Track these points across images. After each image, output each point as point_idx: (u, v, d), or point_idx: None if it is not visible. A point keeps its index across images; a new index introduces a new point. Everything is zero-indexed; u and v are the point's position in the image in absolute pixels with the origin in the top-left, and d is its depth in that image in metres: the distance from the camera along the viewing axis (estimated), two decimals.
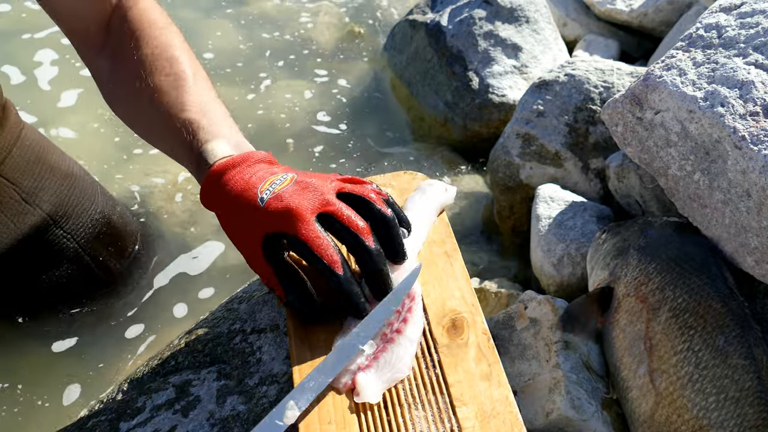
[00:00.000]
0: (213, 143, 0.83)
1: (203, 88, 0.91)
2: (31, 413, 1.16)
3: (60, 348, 1.25)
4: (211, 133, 0.84)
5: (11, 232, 1.15)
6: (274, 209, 0.76)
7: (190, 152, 0.85)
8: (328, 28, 2.16)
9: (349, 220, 0.77)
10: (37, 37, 2.05)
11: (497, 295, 1.17)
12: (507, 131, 1.38)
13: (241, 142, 0.86)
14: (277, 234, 0.76)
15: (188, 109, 0.87)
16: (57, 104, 1.83)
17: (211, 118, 0.86)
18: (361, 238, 0.76)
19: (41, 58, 1.97)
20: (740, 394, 0.79)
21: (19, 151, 1.15)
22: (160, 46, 0.92)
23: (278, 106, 1.84)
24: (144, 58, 0.92)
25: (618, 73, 1.33)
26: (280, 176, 0.79)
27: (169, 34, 0.95)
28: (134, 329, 1.29)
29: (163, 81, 0.90)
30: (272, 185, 0.77)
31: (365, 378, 0.74)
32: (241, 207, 0.78)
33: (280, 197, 0.76)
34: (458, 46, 1.68)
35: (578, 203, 1.21)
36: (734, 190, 0.87)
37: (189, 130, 0.85)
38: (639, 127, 0.99)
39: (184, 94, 0.88)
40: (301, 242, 0.75)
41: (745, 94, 0.88)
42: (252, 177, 0.79)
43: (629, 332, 0.90)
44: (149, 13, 0.96)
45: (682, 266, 0.90)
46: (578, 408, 0.85)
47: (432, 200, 0.93)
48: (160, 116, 0.88)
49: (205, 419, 0.81)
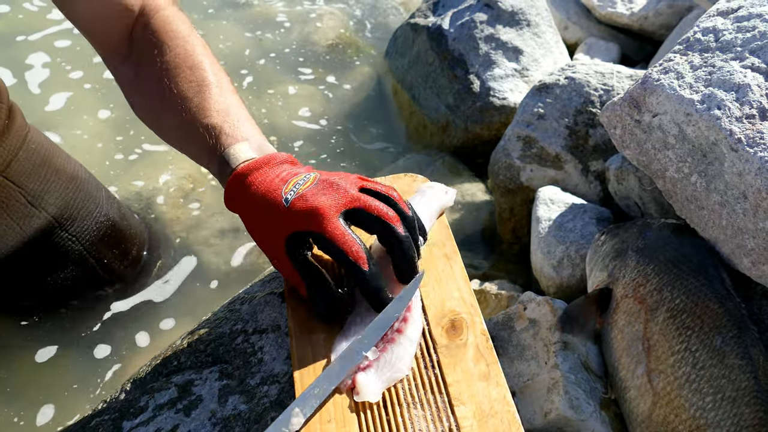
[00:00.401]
0: (235, 146, 0.85)
1: (226, 93, 0.92)
2: (37, 415, 1.17)
3: (64, 348, 1.26)
4: (234, 136, 0.86)
5: (17, 234, 1.16)
6: (300, 209, 0.77)
7: (213, 156, 0.86)
8: (331, 32, 2.17)
9: (378, 210, 0.78)
10: (32, 39, 2.07)
11: (497, 296, 1.17)
12: (508, 134, 1.39)
13: (264, 144, 0.87)
14: (302, 233, 0.78)
15: (211, 114, 0.88)
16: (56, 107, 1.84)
17: (234, 122, 0.88)
18: (392, 226, 0.78)
19: (36, 61, 1.99)
20: (737, 393, 0.80)
21: (25, 155, 1.16)
22: (182, 54, 0.94)
23: (280, 111, 1.85)
24: (167, 65, 0.93)
25: (618, 76, 1.34)
26: (303, 176, 0.80)
27: (192, 41, 0.96)
28: (138, 330, 1.30)
29: (185, 88, 0.91)
30: (296, 185, 0.79)
31: (365, 378, 0.75)
32: (266, 208, 0.79)
33: (305, 197, 0.78)
34: (459, 49, 1.69)
35: (578, 205, 1.22)
36: (731, 192, 0.88)
37: (212, 134, 0.86)
38: (637, 130, 1.00)
39: (207, 100, 0.89)
40: (327, 240, 0.76)
41: (742, 97, 0.89)
42: (275, 178, 0.80)
43: (627, 333, 0.90)
44: (172, 22, 0.97)
45: (680, 267, 0.91)
46: (577, 408, 0.86)
47: (432, 202, 0.94)
48: (183, 122, 0.90)
49: (207, 418, 0.82)
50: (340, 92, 1.93)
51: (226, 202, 0.84)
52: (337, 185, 0.79)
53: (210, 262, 1.44)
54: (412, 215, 0.82)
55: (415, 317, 0.80)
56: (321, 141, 1.77)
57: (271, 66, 2.03)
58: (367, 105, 1.88)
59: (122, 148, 1.72)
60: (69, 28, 2.09)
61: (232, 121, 0.88)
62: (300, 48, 2.11)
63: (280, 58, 2.07)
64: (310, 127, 1.81)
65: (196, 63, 0.93)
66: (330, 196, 0.78)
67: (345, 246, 0.76)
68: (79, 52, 2.01)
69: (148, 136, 1.74)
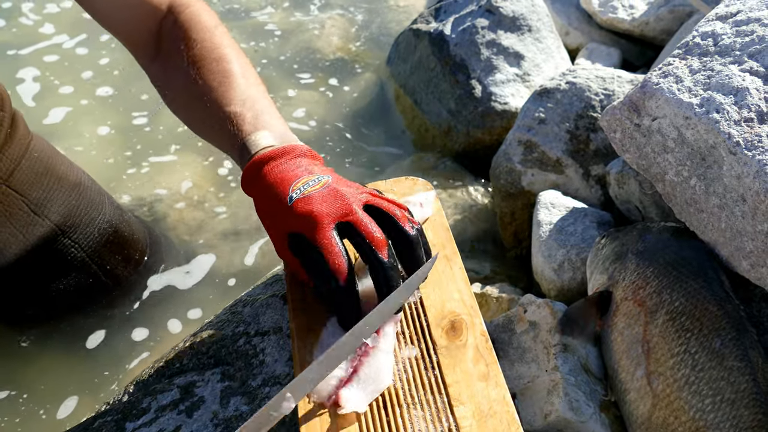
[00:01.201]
0: (256, 134, 0.85)
1: (251, 83, 0.93)
2: (40, 417, 1.18)
3: (68, 354, 1.27)
4: (254, 125, 0.87)
5: (20, 242, 1.16)
6: (298, 211, 0.78)
7: (235, 143, 0.87)
8: (333, 38, 2.18)
9: (367, 230, 0.78)
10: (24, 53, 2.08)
11: (498, 299, 1.18)
12: (509, 138, 1.39)
13: (286, 133, 0.88)
14: (298, 234, 0.78)
15: (234, 103, 0.89)
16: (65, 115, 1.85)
17: (257, 110, 0.88)
18: (375, 251, 0.78)
19: (28, 75, 2.00)
20: (736, 396, 0.80)
21: (28, 163, 1.17)
22: (208, 47, 0.95)
23: (283, 116, 1.86)
24: (194, 58, 0.94)
25: (618, 81, 1.34)
26: (315, 177, 0.81)
27: (218, 34, 0.98)
28: (141, 334, 1.31)
29: (211, 78, 0.92)
30: (305, 185, 0.79)
31: (349, 393, 0.76)
32: (271, 201, 0.80)
33: (307, 200, 0.78)
34: (461, 54, 1.69)
35: (579, 209, 1.22)
36: (729, 195, 0.89)
37: (234, 122, 0.87)
38: (637, 134, 1.01)
39: (231, 90, 0.90)
40: (314, 246, 0.77)
41: (740, 101, 0.90)
42: (289, 173, 0.81)
43: (627, 335, 0.91)
44: (199, 16, 0.99)
45: (679, 270, 0.91)
46: (576, 410, 0.86)
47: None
48: (209, 112, 0.91)
49: (209, 420, 0.83)
50: (342, 97, 1.94)
51: (243, 186, 0.85)
52: (342, 195, 0.79)
53: (212, 265, 1.44)
54: (416, 235, 0.81)
55: (386, 330, 0.80)
56: (323, 145, 1.78)
57: (273, 72, 2.04)
58: (370, 110, 1.89)
59: (124, 155, 1.73)
60: (60, 42, 2.11)
61: (255, 110, 0.88)
62: (302, 54, 2.12)
63: (283, 65, 2.08)
64: (313, 131, 1.82)
65: (222, 55, 0.94)
66: (329, 205, 0.78)
67: (329, 256, 0.76)
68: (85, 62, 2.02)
69: (150, 144, 1.76)
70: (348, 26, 2.24)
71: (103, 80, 1.96)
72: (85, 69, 2.00)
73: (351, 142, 1.79)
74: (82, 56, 2.05)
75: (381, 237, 0.78)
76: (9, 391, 1.20)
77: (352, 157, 1.74)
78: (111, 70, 1.99)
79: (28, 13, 2.22)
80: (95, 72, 1.99)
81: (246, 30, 2.22)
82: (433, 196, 0.99)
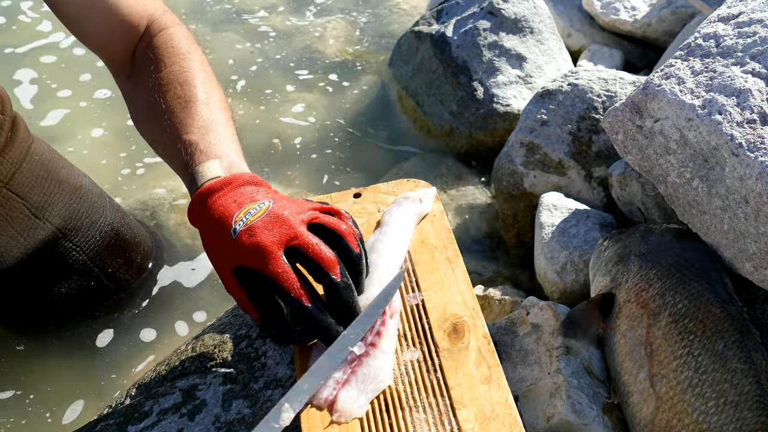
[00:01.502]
0: (205, 164, 0.84)
1: (214, 109, 0.92)
2: (43, 421, 1.18)
3: (72, 357, 1.27)
4: (207, 153, 0.86)
5: (21, 246, 1.16)
6: (243, 244, 0.76)
7: (186, 172, 0.87)
8: (335, 40, 2.18)
9: (315, 252, 0.77)
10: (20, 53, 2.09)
11: (501, 302, 1.18)
12: (511, 140, 1.39)
13: (234, 163, 0.86)
14: (248, 268, 0.77)
15: (191, 130, 0.88)
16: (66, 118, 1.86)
17: (211, 139, 0.87)
18: (327, 272, 0.77)
19: (25, 76, 2.01)
20: (739, 398, 0.80)
21: (29, 166, 1.17)
22: (176, 71, 0.95)
23: (286, 119, 1.86)
24: (160, 82, 0.94)
25: (621, 83, 1.34)
26: (257, 204, 0.79)
27: (189, 58, 0.97)
28: (143, 337, 1.30)
29: (174, 103, 0.92)
30: (246, 215, 0.78)
31: (347, 394, 0.76)
32: (216, 235, 0.79)
33: (251, 230, 0.77)
34: (463, 56, 1.69)
35: (581, 211, 1.22)
36: (732, 197, 0.88)
37: (188, 150, 0.86)
38: (639, 135, 1.01)
39: (191, 116, 0.90)
40: (268, 278, 0.76)
41: (743, 102, 0.89)
42: (231, 204, 0.80)
43: (630, 337, 0.90)
44: (172, 40, 0.99)
45: (682, 272, 0.91)
46: (579, 412, 0.86)
47: (408, 211, 0.95)
48: (167, 137, 0.91)
49: (211, 423, 0.83)
50: (344, 99, 1.94)
51: (189, 218, 0.84)
52: (284, 220, 0.78)
53: None
54: (359, 253, 0.81)
55: (389, 329, 0.80)
56: (325, 147, 1.78)
57: (273, 74, 2.04)
58: (372, 112, 1.89)
59: (125, 158, 1.73)
60: (57, 41, 2.12)
61: (209, 139, 0.87)
62: (304, 56, 2.12)
63: (285, 67, 2.08)
64: (315, 133, 1.82)
65: (188, 79, 0.94)
66: (274, 232, 0.77)
67: (286, 284, 0.75)
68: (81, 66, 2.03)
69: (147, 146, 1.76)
70: (350, 28, 2.24)
71: (102, 82, 1.96)
72: (83, 71, 2.00)
73: (353, 144, 1.79)
74: (79, 57, 2.06)
75: (330, 257, 0.77)
76: (13, 394, 1.20)
77: (354, 159, 1.73)
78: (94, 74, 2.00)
79: (27, 11, 2.24)
80: (93, 74, 1.99)
81: (247, 32, 2.22)
82: (434, 192, 0.99)
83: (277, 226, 0.77)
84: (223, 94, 0.98)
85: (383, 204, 0.99)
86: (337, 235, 0.80)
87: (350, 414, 0.74)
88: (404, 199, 0.96)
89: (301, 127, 1.84)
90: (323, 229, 0.80)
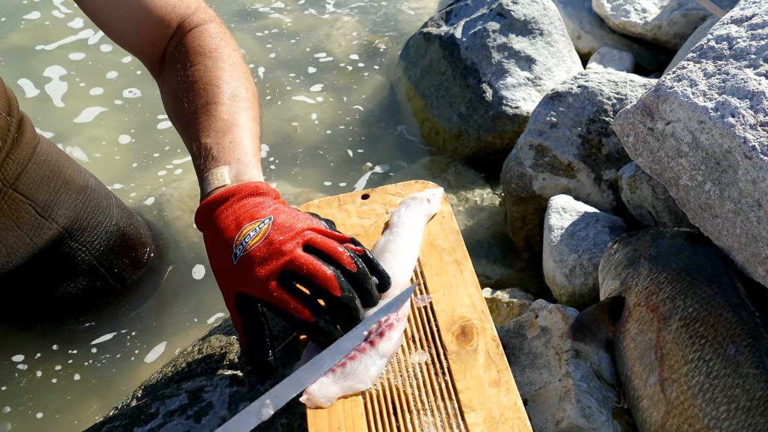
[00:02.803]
0: (214, 171, 0.85)
1: (235, 111, 0.92)
2: (49, 422, 1.17)
3: (76, 358, 1.26)
4: (218, 159, 0.86)
5: (27, 246, 1.16)
6: (242, 271, 0.78)
7: (200, 177, 0.87)
8: (344, 40, 2.18)
9: (310, 271, 0.77)
10: (49, 50, 2.10)
11: (509, 305, 1.17)
12: (520, 142, 1.38)
13: (242, 171, 0.86)
14: (248, 295, 0.78)
15: (209, 133, 0.89)
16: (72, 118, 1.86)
17: (225, 144, 0.88)
18: (327, 290, 0.77)
19: (52, 73, 2.01)
20: (751, 403, 0.79)
21: (35, 167, 1.16)
22: (202, 70, 0.95)
23: (294, 118, 1.86)
24: (185, 80, 0.95)
25: (631, 85, 1.33)
26: (256, 225, 0.80)
27: (216, 57, 0.97)
28: (149, 338, 1.30)
29: (197, 104, 0.92)
30: (246, 238, 0.79)
31: (323, 380, 0.76)
32: (219, 257, 0.80)
33: (248, 258, 0.77)
34: (472, 58, 1.69)
35: (591, 214, 1.21)
36: (745, 200, 0.87)
37: (202, 154, 0.87)
38: (650, 138, 1.00)
39: (210, 118, 0.90)
40: (270, 304, 0.77)
41: (756, 105, 0.89)
42: (233, 222, 0.80)
43: (640, 341, 0.90)
44: (201, 38, 0.99)
45: (693, 276, 0.90)
46: (588, 417, 0.85)
47: (417, 211, 0.95)
48: (188, 138, 0.92)
49: (217, 425, 0.82)
50: (353, 100, 1.94)
51: (196, 224, 0.85)
52: (279, 244, 0.78)
53: None
54: (357, 271, 0.80)
55: (392, 335, 0.79)
56: (333, 147, 1.77)
57: (282, 73, 2.04)
58: (380, 113, 1.89)
59: (131, 157, 1.73)
60: (85, 38, 2.12)
61: (224, 143, 0.88)
62: (313, 56, 2.12)
63: (292, 66, 2.08)
64: (323, 133, 1.81)
65: (212, 79, 0.94)
66: (270, 260, 0.77)
67: (288, 308, 0.76)
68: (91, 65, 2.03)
69: (159, 144, 1.76)
70: (359, 29, 2.23)
71: (109, 80, 1.96)
72: (91, 69, 2.01)
73: (361, 145, 1.78)
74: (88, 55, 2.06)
75: (327, 272, 0.77)
76: (17, 394, 1.20)
77: (362, 160, 1.73)
78: (118, 69, 2.00)
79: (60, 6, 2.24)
80: (100, 71, 2.00)
81: (257, 30, 2.22)
82: (441, 193, 0.99)
83: (273, 252, 0.78)
84: (253, 90, 0.98)
85: (391, 205, 0.99)
86: (333, 260, 0.79)
87: (316, 400, 0.74)
88: (412, 200, 0.96)
89: (309, 126, 1.84)
90: (319, 253, 0.80)
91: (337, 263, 0.79)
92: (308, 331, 0.77)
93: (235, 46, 1.02)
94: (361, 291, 0.80)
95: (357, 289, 0.80)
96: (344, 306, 0.78)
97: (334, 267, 0.78)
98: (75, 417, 1.18)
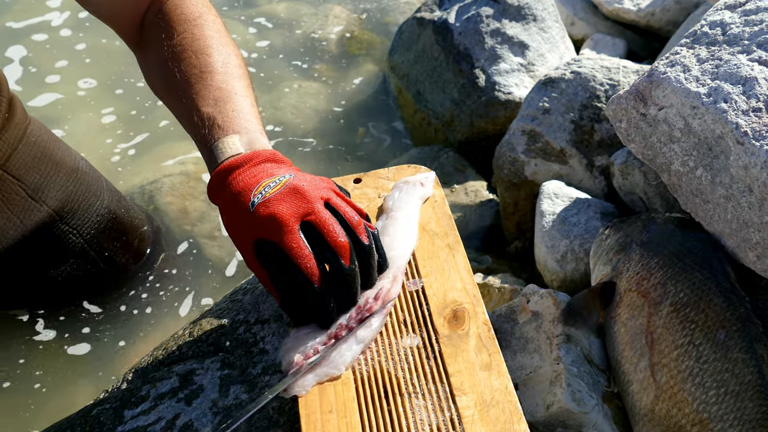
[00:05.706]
0: (225, 140, 0.83)
1: (231, 78, 0.91)
2: (39, 405, 1.17)
3: (66, 339, 1.26)
4: (225, 128, 0.84)
5: (17, 228, 1.16)
6: (261, 215, 0.76)
7: (205, 147, 0.85)
8: (336, 29, 2.17)
9: (330, 233, 0.76)
10: (38, 30, 2.08)
11: (501, 290, 1.17)
12: (512, 128, 1.38)
13: (255, 138, 0.85)
14: (265, 241, 0.76)
15: (208, 102, 0.87)
16: (65, 100, 1.84)
17: (229, 111, 0.86)
18: (338, 256, 0.76)
19: (41, 55, 1.99)
20: (740, 387, 0.79)
21: (25, 148, 1.16)
22: (189, 38, 0.93)
23: (286, 108, 1.85)
24: (173, 50, 0.92)
25: (624, 71, 1.33)
26: (276, 179, 0.78)
27: (202, 25, 0.95)
28: (140, 322, 1.30)
29: (189, 73, 0.90)
30: (265, 188, 0.77)
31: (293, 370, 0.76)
32: (235, 210, 0.78)
33: (268, 203, 0.76)
34: (465, 43, 1.68)
35: (582, 200, 1.21)
36: (736, 186, 0.88)
37: (206, 124, 0.85)
38: (642, 123, 1.00)
39: (207, 87, 0.88)
40: (283, 251, 0.75)
41: (748, 90, 0.89)
42: (251, 179, 0.79)
43: (631, 326, 0.90)
44: (183, 5, 0.97)
45: (684, 261, 0.91)
46: (579, 401, 0.86)
47: (411, 195, 0.95)
48: (184, 109, 0.89)
49: (208, 408, 0.82)
50: (343, 88, 1.93)
51: (209, 196, 0.84)
52: (303, 192, 0.77)
53: (213, 254, 1.43)
54: (369, 244, 0.79)
55: (372, 322, 0.79)
56: (325, 136, 1.77)
57: (276, 62, 2.03)
58: (372, 100, 1.88)
59: (124, 142, 1.72)
60: (56, 22, 2.10)
61: (227, 111, 0.86)
62: (304, 44, 2.10)
63: (285, 54, 2.06)
64: (315, 122, 1.81)
65: (202, 48, 0.92)
66: (290, 204, 0.76)
67: (300, 260, 0.75)
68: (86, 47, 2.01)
69: (151, 131, 1.75)
70: (351, 16, 2.22)
71: (102, 64, 1.95)
72: (83, 52, 1.99)
73: (352, 132, 1.78)
74: (80, 37, 2.04)
75: (343, 240, 0.76)
76: (8, 378, 1.20)
77: (352, 149, 1.73)
78: (111, 53, 1.98)
79: None
80: (93, 55, 1.98)
81: (248, 19, 2.21)
82: (434, 176, 0.98)
83: (294, 198, 0.77)
84: (241, 57, 0.96)
85: (383, 189, 0.98)
86: (347, 223, 0.79)
87: (290, 389, 0.75)
88: (405, 184, 0.96)
89: (301, 115, 1.83)
90: (337, 215, 0.79)
91: (352, 232, 0.78)
92: (306, 292, 0.76)
93: (216, 13, 1.00)
94: (366, 266, 0.80)
95: (362, 263, 0.79)
96: (349, 278, 0.77)
97: (348, 235, 0.77)
98: (65, 400, 1.18)
